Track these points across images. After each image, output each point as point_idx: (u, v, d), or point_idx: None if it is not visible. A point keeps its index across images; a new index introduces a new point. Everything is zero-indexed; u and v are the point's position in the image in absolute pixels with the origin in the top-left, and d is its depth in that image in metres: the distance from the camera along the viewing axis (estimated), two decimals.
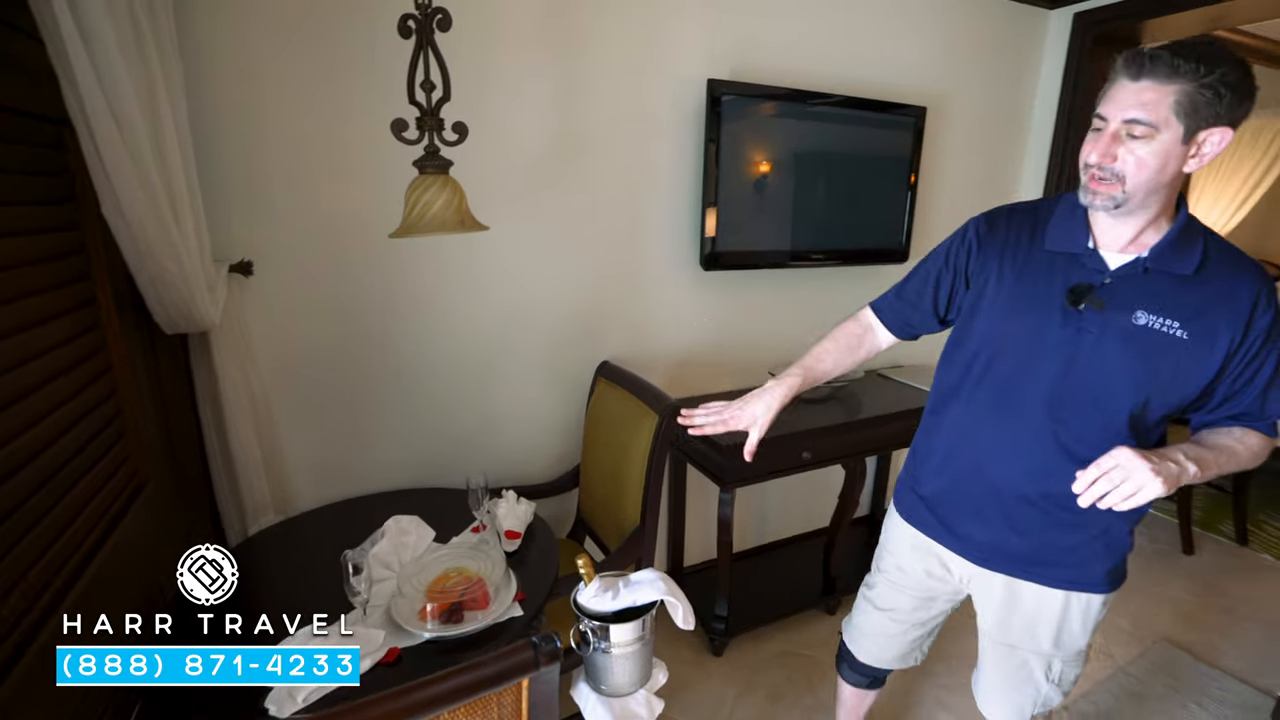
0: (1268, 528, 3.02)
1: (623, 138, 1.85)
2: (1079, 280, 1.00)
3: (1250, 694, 1.98)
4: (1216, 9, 2.30)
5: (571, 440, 2.00)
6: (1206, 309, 0.95)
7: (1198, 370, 0.96)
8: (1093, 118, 0.95)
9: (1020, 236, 1.08)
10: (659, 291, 2.04)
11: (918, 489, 1.25)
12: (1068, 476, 0.94)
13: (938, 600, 1.31)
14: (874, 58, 2.18)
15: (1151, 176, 0.90)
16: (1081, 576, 1.11)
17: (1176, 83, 0.85)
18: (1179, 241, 0.97)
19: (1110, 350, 0.98)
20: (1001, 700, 1.29)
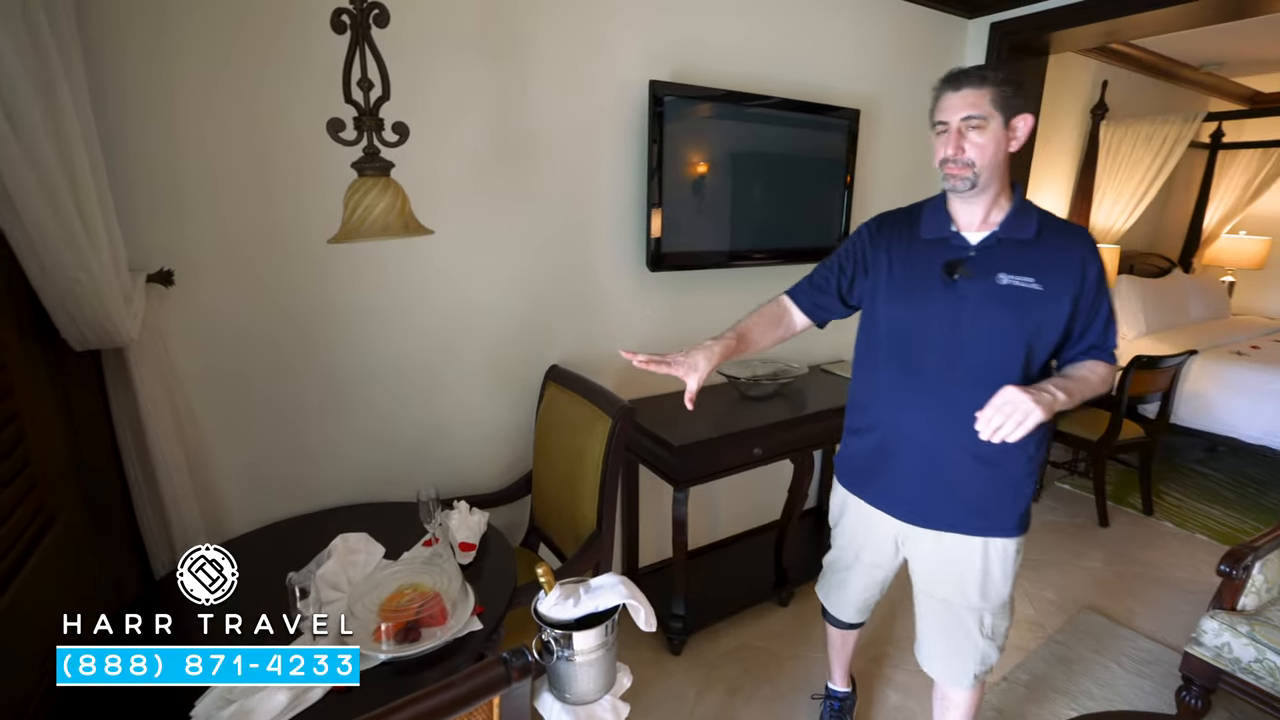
0: (1168, 498, 3.30)
1: (567, 139, 1.84)
2: (950, 257, 1.23)
3: (1161, 650, 2.16)
4: (1110, 24, 2.50)
5: (522, 446, 1.97)
6: (1049, 265, 1.18)
7: (1055, 313, 1.19)
8: (935, 125, 1.20)
9: (901, 232, 1.33)
10: (606, 293, 2.03)
11: (851, 457, 1.45)
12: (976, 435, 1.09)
13: (882, 561, 1.47)
14: (810, 61, 2.25)
15: (991, 157, 1.16)
16: (996, 523, 1.28)
17: (987, 87, 1.14)
18: (1018, 215, 1.22)
19: (986, 308, 1.20)
20: (944, 658, 1.42)
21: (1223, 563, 1.78)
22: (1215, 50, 3.69)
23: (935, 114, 1.20)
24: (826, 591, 1.65)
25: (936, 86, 1.20)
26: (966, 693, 1.44)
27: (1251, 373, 3.19)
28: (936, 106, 1.19)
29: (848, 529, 1.51)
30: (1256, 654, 1.66)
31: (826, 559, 1.63)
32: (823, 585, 1.66)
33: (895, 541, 1.42)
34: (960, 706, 1.48)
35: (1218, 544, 2.86)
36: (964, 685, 1.41)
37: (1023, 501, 1.29)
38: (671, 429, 1.88)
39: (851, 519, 1.49)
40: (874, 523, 1.42)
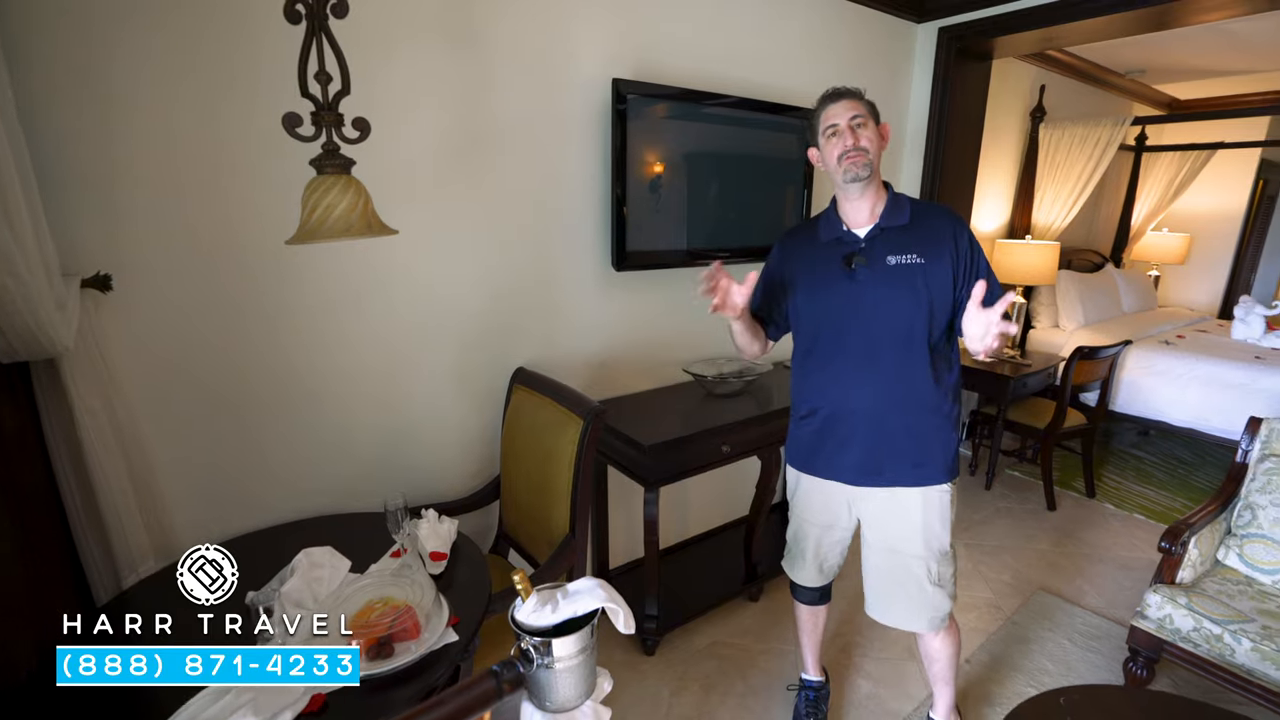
0: (1108, 480, 3.48)
1: (531, 137, 1.81)
2: (846, 251, 1.43)
3: (1108, 625, 2.27)
4: (1046, 31, 2.63)
5: (489, 451, 1.93)
6: (927, 240, 1.38)
7: (941, 281, 1.37)
8: (825, 130, 1.40)
9: (804, 241, 1.53)
10: (572, 293, 2.01)
11: (798, 442, 1.59)
12: (901, 397, 1.41)
13: (838, 523, 1.60)
14: (768, 62, 2.28)
15: (876, 149, 1.38)
16: (929, 473, 1.46)
17: (856, 98, 1.39)
18: (894, 206, 1.42)
19: (884, 286, 1.39)
20: (897, 604, 1.56)
21: (1163, 540, 1.89)
22: (1139, 59, 3.92)
23: (822, 123, 1.40)
24: (791, 563, 1.74)
25: (816, 106, 1.43)
26: (937, 639, 1.59)
27: (1178, 360, 3.39)
28: (822, 117, 1.40)
29: (802, 501, 1.64)
30: (1194, 623, 1.77)
31: (788, 534, 1.73)
32: (788, 559, 1.75)
33: (847, 504, 1.56)
34: (941, 658, 1.63)
35: (1154, 522, 3.04)
36: (921, 628, 1.55)
37: (950, 449, 1.47)
38: (640, 429, 1.88)
39: (805, 493, 1.62)
40: (825, 491, 1.57)
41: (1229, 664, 1.72)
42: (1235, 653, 1.70)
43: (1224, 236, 5.33)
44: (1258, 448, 2.09)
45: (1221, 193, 5.24)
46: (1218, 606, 1.78)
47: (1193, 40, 3.50)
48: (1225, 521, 2.06)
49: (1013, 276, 3.34)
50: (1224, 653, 1.72)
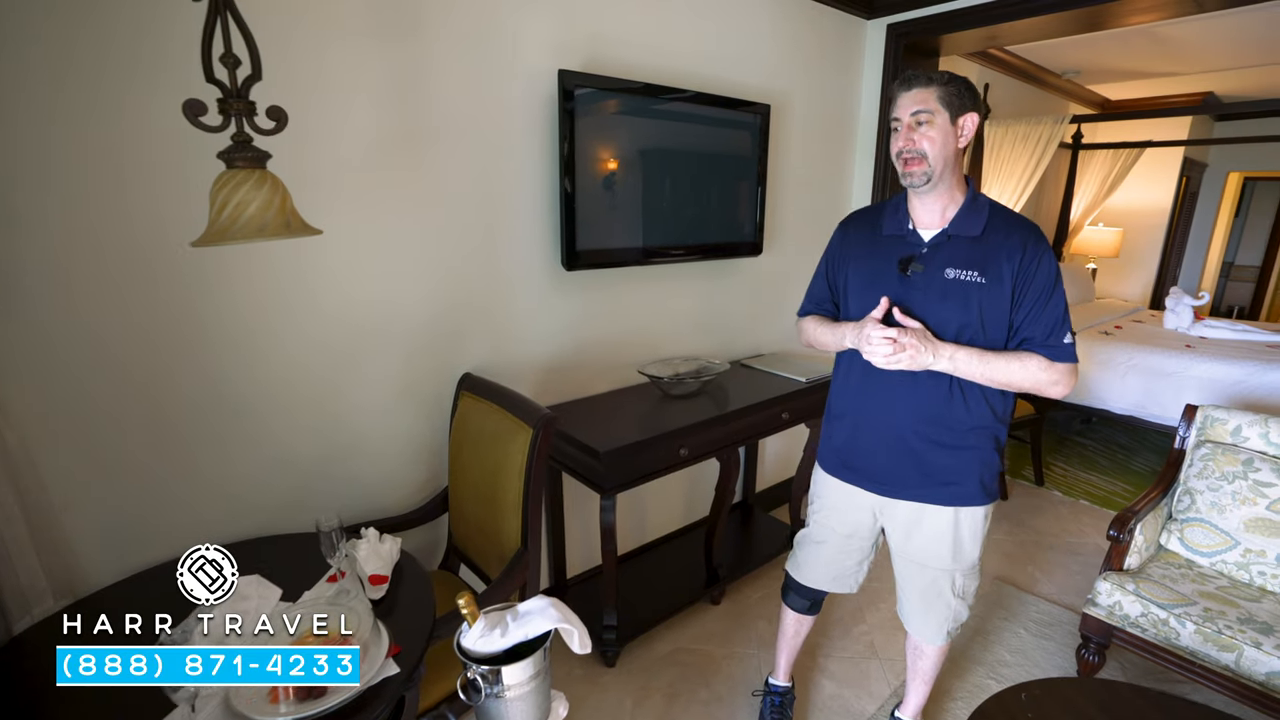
0: (1055, 468, 3.59)
1: (475, 131, 1.72)
2: (905, 253, 1.33)
3: (1060, 612, 2.32)
4: (989, 29, 2.67)
5: (436, 462, 1.83)
6: (993, 257, 1.25)
7: (998, 304, 1.26)
8: (891, 123, 1.30)
9: (865, 229, 1.44)
10: (521, 295, 1.92)
11: (831, 442, 1.52)
12: (939, 409, 1.32)
13: (860, 532, 1.53)
14: (719, 56, 2.24)
15: (940, 150, 1.24)
16: (964, 493, 1.37)
17: (933, 87, 1.24)
18: (969, 212, 1.30)
19: (933, 300, 1.28)
20: (923, 615, 1.53)
21: (1111, 528, 1.93)
22: (1074, 60, 4.06)
23: (891, 113, 1.29)
24: (797, 565, 1.65)
25: (893, 88, 1.30)
26: (937, 646, 1.58)
27: (1117, 350, 3.52)
28: (892, 106, 1.29)
29: (825, 505, 1.57)
30: (1142, 609, 1.81)
31: (799, 535, 1.66)
32: (793, 560, 1.67)
33: (873, 512, 1.49)
34: (930, 656, 1.63)
35: (1099, 508, 3.14)
36: (937, 642, 1.54)
37: (988, 473, 1.38)
38: (595, 434, 1.81)
39: (830, 496, 1.55)
40: (851, 498, 1.50)
41: (1175, 647, 1.76)
42: (1180, 636, 1.74)
43: (1153, 231, 5.59)
44: (1194, 434, 2.17)
45: (1150, 189, 5.49)
46: (1162, 591, 1.83)
47: (1123, 43, 3.64)
48: (1167, 507, 2.12)
49: None
50: (1170, 636, 1.76)
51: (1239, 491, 1.95)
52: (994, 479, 1.39)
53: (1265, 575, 1.89)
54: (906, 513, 1.43)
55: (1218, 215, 6.58)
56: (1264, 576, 1.89)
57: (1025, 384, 1.25)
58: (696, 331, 2.45)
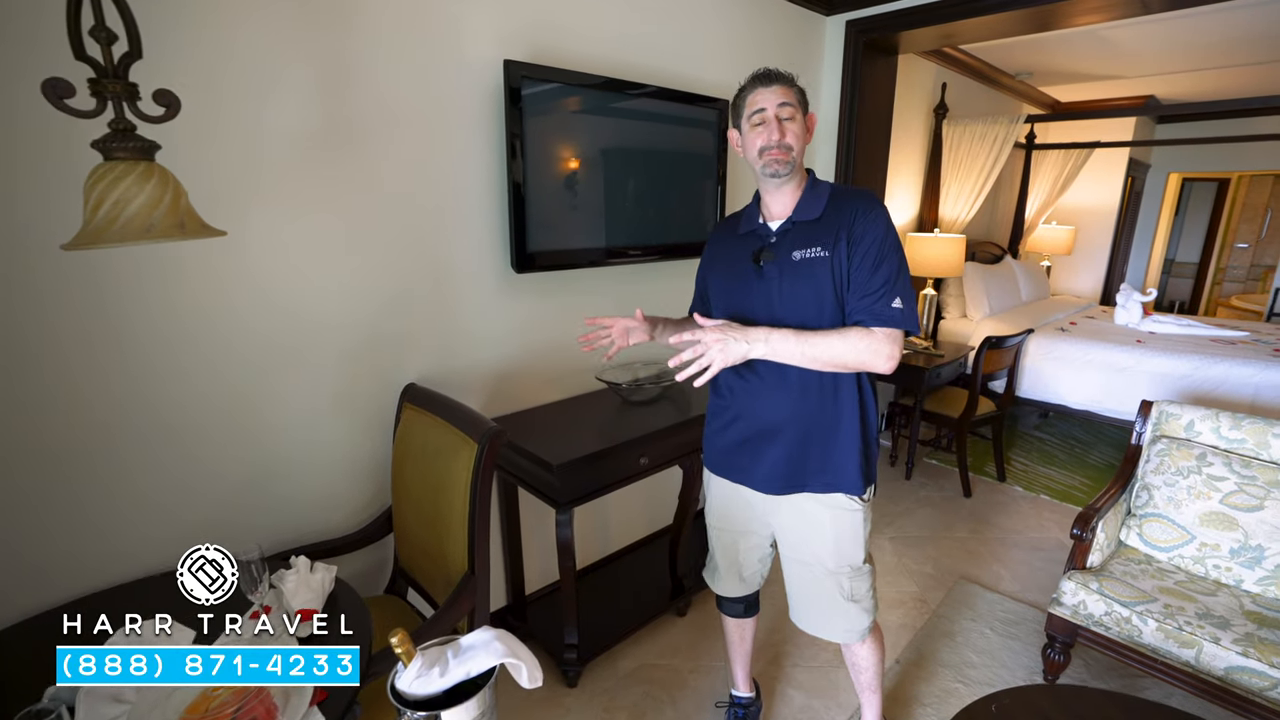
0: (1016, 463, 3.63)
1: (414, 124, 1.61)
2: (756, 246, 1.35)
3: (1025, 609, 2.32)
4: (945, 27, 2.67)
5: (379, 479, 1.71)
6: (831, 230, 1.27)
7: (841, 271, 1.26)
8: (751, 116, 1.27)
9: (729, 233, 1.45)
10: (468, 300, 1.82)
11: (712, 443, 1.51)
12: (810, 403, 1.32)
13: (752, 527, 1.52)
14: (676, 50, 2.17)
15: (802, 144, 1.28)
16: (841, 480, 1.37)
17: (788, 85, 1.26)
18: (810, 197, 1.32)
19: (788, 284, 1.29)
20: (817, 613, 1.49)
21: (1075, 526, 1.91)
22: (1026, 62, 4.13)
23: (749, 106, 1.27)
24: (711, 574, 1.66)
25: (745, 85, 1.29)
26: (862, 648, 1.54)
27: (1073, 346, 3.57)
28: (748, 100, 1.28)
29: (716, 507, 1.57)
30: (1106, 607, 1.80)
31: (709, 545, 1.65)
32: (708, 569, 1.68)
33: (760, 511, 1.48)
34: (867, 665, 1.57)
35: (1058, 502, 3.17)
36: (840, 639, 1.50)
37: (863, 459, 1.37)
38: (549, 445, 1.72)
39: (718, 497, 1.55)
40: (738, 496, 1.49)
41: (1138, 645, 1.75)
42: (1142, 634, 1.74)
43: (1102, 229, 5.74)
44: (1150, 430, 2.18)
45: (1099, 188, 5.64)
46: (1124, 588, 1.82)
47: (1072, 45, 3.70)
48: (1126, 503, 2.13)
49: (923, 269, 3.40)
50: (1133, 634, 1.76)
51: (1194, 486, 1.96)
52: (869, 466, 1.39)
53: (1219, 569, 1.90)
54: (790, 512, 1.43)
55: (1160, 214, 6.82)
56: (1218, 570, 1.90)
57: (849, 357, 1.22)
58: None
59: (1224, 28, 3.34)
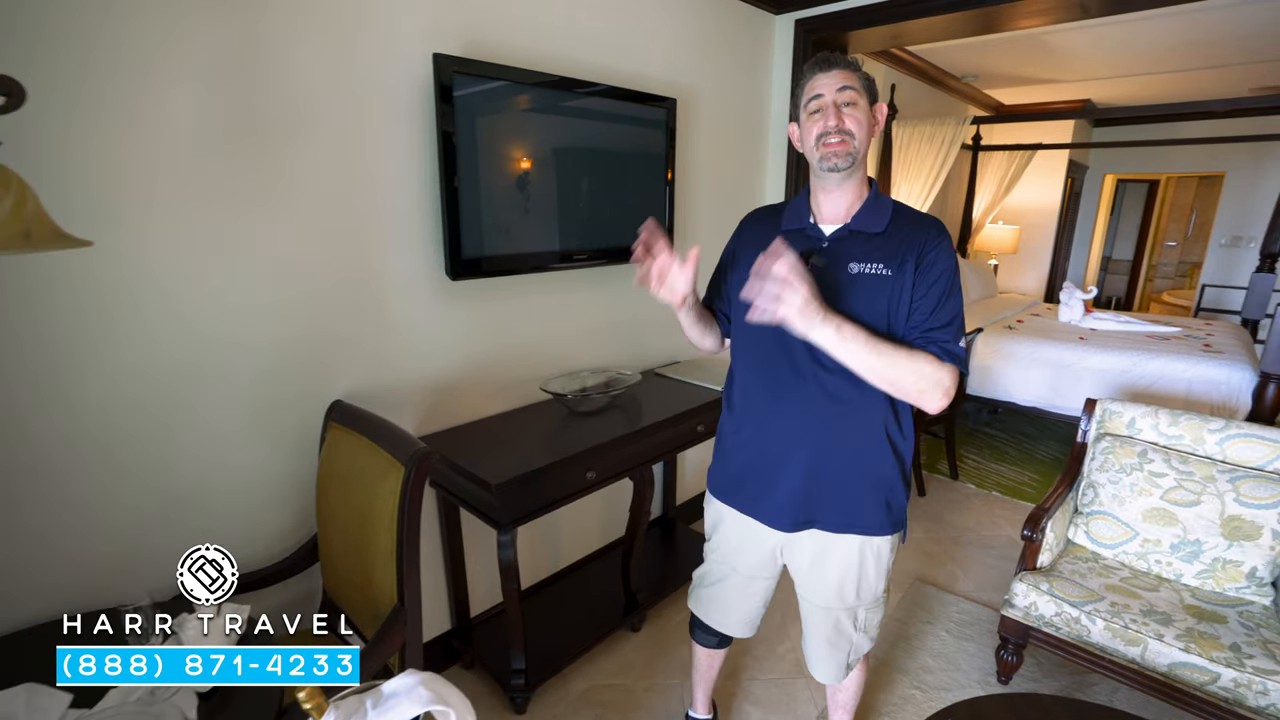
0: (968, 461, 3.68)
1: (335, 122, 1.49)
2: (804, 246, 1.20)
3: (978, 609, 2.33)
4: (894, 28, 2.67)
5: (303, 504, 1.59)
6: (898, 250, 1.16)
7: (901, 297, 1.15)
8: (808, 104, 1.16)
9: (765, 225, 1.31)
10: (401, 309, 1.70)
11: (726, 466, 1.37)
12: (845, 429, 1.20)
13: (762, 573, 1.41)
14: (622, 46, 2.09)
15: (866, 134, 1.15)
16: (869, 522, 1.26)
17: (851, 70, 1.15)
18: (873, 208, 1.20)
19: (837, 300, 1.14)
20: (826, 660, 1.41)
21: (1025, 527, 1.92)
22: (972, 64, 4.20)
23: (807, 94, 1.17)
24: (700, 604, 1.52)
25: (805, 72, 1.18)
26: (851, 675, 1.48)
27: (1021, 344, 3.65)
28: (807, 87, 1.17)
29: (723, 542, 1.42)
30: (1056, 608, 1.80)
31: (697, 572, 1.52)
32: (695, 599, 1.53)
33: (775, 552, 1.37)
34: (850, 685, 1.53)
35: (1010, 499, 3.22)
36: (838, 680, 1.44)
37: (895, 500, 1.27)
38: (489, 462, 1.62)
39: (727, 532, 1.41)
40: (752, 533, 1.35)
41: (1087, 644, 1.76)
42: (1091, 633, 1.75)
43: (1045, 228, 5.93)
44: (1094, 428, 2.21)
45: (1041, 189, 5.82)
46: (1073, 588, 1.83)
47: (1015, 48, 3.78)
48: (1073, 501, 2.16)
49: None
50: (1082, 634, 1.77)
51: (1136, 483, 1.99)
52: (901, 507, 1.29)
53: (1161, 564, 1.93)
54: (811, 549, 1.31)
55: (1097, 214, 7.09)
56: (1160, 565, 1.93)
57: (909, 382, 1.09)
58: (605, 341, 2.30)
59: (1155, 35, 3.46)
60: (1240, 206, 6.13)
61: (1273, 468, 1.90)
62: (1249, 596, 1.82)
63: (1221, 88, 4.79)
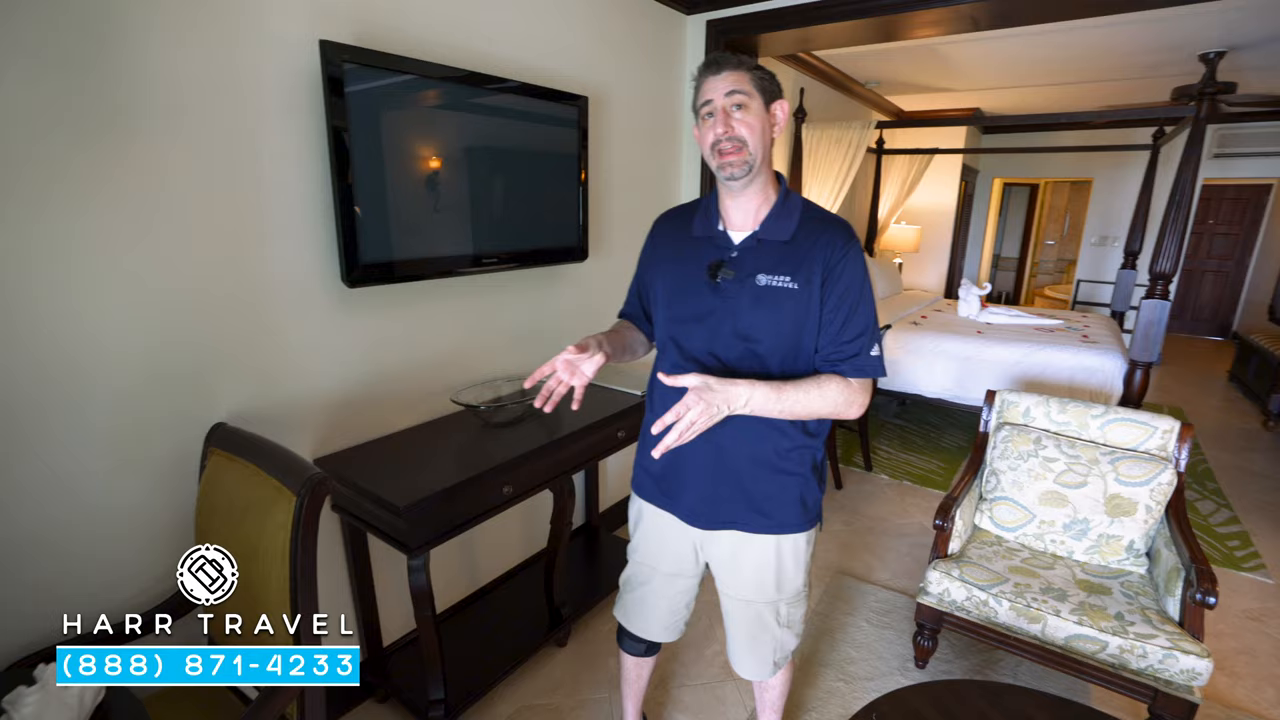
0: (880, 452, 3.84)
1: (211, 111, 1.33)
2: (714, 258, 1.19)
3: (895, 597, 2.41)
4: (802, 32, 2.73)
5: (181, 543, 1.41)
6: (804, 260, 1.15)
7: (812, 309, 1.15)
8: (700, 108, 1.15)
9: (677, 229, 1.29)
10: (293, 320, 1.55)
11: (648, 467, 1.35)
12: (757, 433, 1.19)
13: (684, 570, 1.39)
14: (530, 42, 2.01)
15: (760, 138, 1.12)
16: (787, 520, 1.27)
17: (744, 70, 1.12)
18: (780, 213, 1.18)
19: (748, 311, 1.16)
20: (750, 655, 1.41)
21: (936, 517, 2.00)
22: (874, 71, 4.39)
23: (699, 98, 1.15)
24: (625, 611, 1.49)
25: (696, 75, 1.16)
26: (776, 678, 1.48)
27: (925, 339, 3.85)
28: (699, 91, 1.15)
29: (644, 541, 1.41)
30: (967, 593, 1.88)
31: (623, 576, 1.49)
32: (621, 606, 1.50)
33: (694, 548, 1.36)
34: (776, 685, 1.52)
35: (920, 487, 3.38)
36: (765, 676, 1.43)
37: (810, 496, 1.28)
38: (397, 483, 1.51)
39: (647, 530, 1.40)
40: (672, 531, 1.35)
41: (994, 624, 1.86)
42: (998, 614, 1.84)
43: (943, 228, 6.31)
44: (995, 418, 2.34)
45: (939, 191, 6.19)
46: (981, 572, 1.92)
47: (913, 57, 3.97)
48: (978, 489, 2.27)
49: None
50: (990, 615, 1.86)
51: (1032, 469, 2.12)
52: (816, 501, 1.31)
53: (1056, 542, 2.07)
54: (729, 544, 1.31)
55: (988, 215, 7.64)
56: (1055, 544, 2.07)
57: (825, 409, 1.14)
58: (521, 348, 2.21)
59: (1036, 51, 3.73)
60: (1107, 209, 6.77)
61: (1144, 448, 2.08)
62: (1128, 567, 1.98)
63: (1092, 101, 5.26)
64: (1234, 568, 2.71)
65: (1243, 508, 3.25)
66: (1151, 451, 2.06)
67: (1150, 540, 2.00)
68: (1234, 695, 1.98)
